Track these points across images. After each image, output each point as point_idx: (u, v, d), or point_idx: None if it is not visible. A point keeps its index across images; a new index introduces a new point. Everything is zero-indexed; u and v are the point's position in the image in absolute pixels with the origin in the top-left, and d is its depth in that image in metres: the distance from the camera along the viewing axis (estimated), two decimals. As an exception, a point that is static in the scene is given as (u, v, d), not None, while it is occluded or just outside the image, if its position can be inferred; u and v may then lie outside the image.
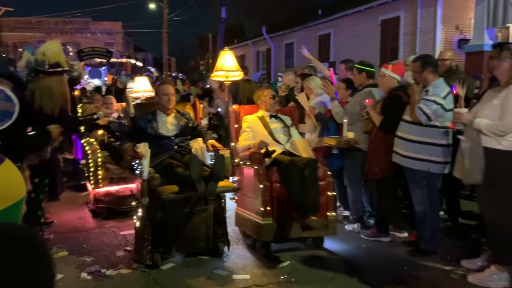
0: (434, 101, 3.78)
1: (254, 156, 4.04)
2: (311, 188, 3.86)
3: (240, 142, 4.41)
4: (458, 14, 11.92)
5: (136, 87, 6.91)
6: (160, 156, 3.92)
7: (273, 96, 4.58)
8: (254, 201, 4.01)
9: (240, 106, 4.85)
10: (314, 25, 17.12)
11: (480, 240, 4.11)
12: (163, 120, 4.16)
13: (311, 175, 3.89)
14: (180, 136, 4.12)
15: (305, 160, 3.99)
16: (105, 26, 33.19)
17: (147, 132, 4.02)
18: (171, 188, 3.63)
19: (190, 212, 3.81)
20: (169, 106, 4.17)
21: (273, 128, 4.43)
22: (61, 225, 4.90)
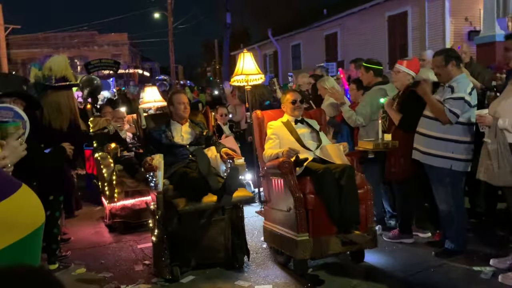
0: (462, 98, 3.65)
1: (284, 166, 3.62)
2: (350, 198, 3.52)
3: (266, 151, 4.05)
4: (467, 5, 11.74)
5: (146, 97, 6.80)
6: (175, 166, 3.84)
7: (294, 101, 4.17)
8: (286, 215, 3.67)
9: (263, 111, 4.51)
10: (320, 25, 17.03)
11: (508, 238, 3.97)
12: (178, 129, 4.12)
13: (348, 183, 3.53)
14: (195, 144, 4.05)
15: (340, 168, 3.63)
16: (111, 38, 33.51)
17: (161, 143, 3.97)
18: (186, 200, 3.55)
19: (207, 222, 3.73)
20: (185, 114, 4.14)
21: (301, 133, 4.08)
22: (78, 241, 4.86)
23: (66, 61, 3.91)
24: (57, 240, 3.98)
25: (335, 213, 3.49)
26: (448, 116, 3.65)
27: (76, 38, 32.04)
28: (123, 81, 24.40)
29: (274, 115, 4.36)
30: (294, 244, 3.50)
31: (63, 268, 3.97)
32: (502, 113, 3.19)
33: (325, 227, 3.54)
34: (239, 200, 3.71)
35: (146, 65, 36.26)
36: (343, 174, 3.56)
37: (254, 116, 4.41)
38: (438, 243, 4.06)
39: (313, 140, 4.08)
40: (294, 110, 4.14)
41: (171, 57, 26.68)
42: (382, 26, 13.97)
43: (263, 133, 4.25)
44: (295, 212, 3.48)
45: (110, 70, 14.75)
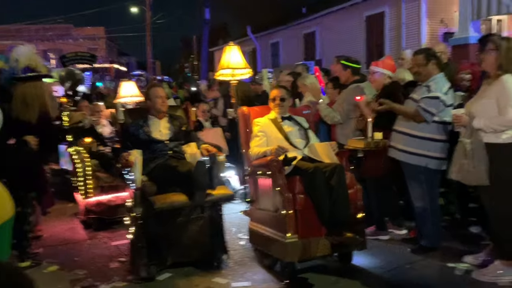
0: (438, 97, 3.70)
1: (272, 165, 3.49)
2: (341, 199, 3.41)
3: (253, 149, 3.90)
4: (443, 7, 11.98)
5: (122, 92, 6.57)
6: (153, 162, 3.73)
7: (273, 98, 4.07)
8: (273, 215, 3.54)
9: (249, 107, 4.35)
10: (299, 23, 17.10)
11: (481, 234, 4.06)
12: (156, 124, 3.99)
13: (339, 183, 3.42)
14: (174, 140, 3.95)
15: (330, 167, 3.50)
16: (87, 32, 32.80)
17: (139, 138, 3.86)
18: (164, 197, 3.45)
19: (186, 220, 3.64)
20: (163, 109, 4.03)
21: (288, 131, 3.95)
22: (51, 238, 4.73)
23: (31, 50, 3.76)
24: (28, 237, 3.85)
25: (325, 214, 3.38)
26: (422, 115, 3.70)
27: (50, 30, 31.22)
28: (99, 75, 23.95)
29: (261, 112, 4.21)
30: (282, 246, 3.38)
31: (34, 266, 3.85)
32: (477, 113, 3.25)
33: (314, 228, 3.43)
34: (219, 198, 3.63)
35: (123, 60, 35.69)
36: (334, 174, 3.44)
37: (239, 112, 4.23)
38: (414, 240, 4.12)
39: (301, 138, 3.97)
40: (274, 108, 4.05)
41: (148, 52, 26.29)
42: (360, 25, 14.13)
43: (249, 130, 4.11)
44: (284, 213, 3.35)
45: (86, 64, 14.43)
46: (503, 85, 3.15)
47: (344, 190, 3.47)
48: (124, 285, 3.47)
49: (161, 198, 3.44)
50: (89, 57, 13.41)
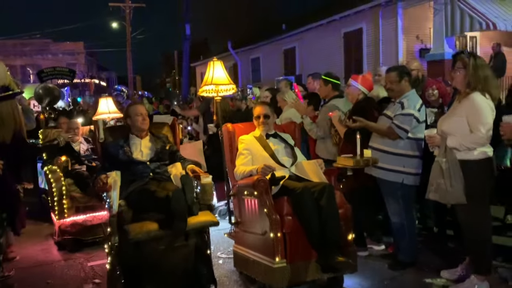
0: (412, 114, 3.75)
1: (259, 184, 3.31)
2: (331, 220, 3.26)
3: (238, 168, 3.75)
4: (418, 24, 12.29)
5: (100, 109, 6.29)
6: (133, 185, 3.46)
7: (258, 116, 3.92)
8: (260, 239, 3.36)
9: (233, 124, 4.18)
10: (279, 39, 17.29)
11: (458, 249, 4.10)
12: (137, 144, 3.75)
13: (329, 203, 3.28)
14: (156, 161, 3.68)
15: (319, 186, 3.36)
16: (66, 47, 32.55)
17: (119, 158, 3.62)
18: (140, 226, 3.16)
19: (168, 249, 3.30)
20: (144, 127, 3.80)
21: (275, 149, 3.80)
22: (23, 259, 4.58)
23: (5, 69, 3.71)
24: (-1, 259, 3.73)
25: (314, 236, 3.23)
26: (397, 132, 3.75)
27: (28, 46, 30.87)
28: (78, 90, 23.69)
29: (246, 129, 4.07)
30: (270, 271, 3.22)
31: (5, 289, 3.73)
32: (449, 131, 3.29)
33: (303, 251, 3.26)
34: (202, 225, 3.34)
35: (103, 75, 35.43)
36: (323, 194, 3.29)
37: (224, 129, 4.08)
38: (392, 255, 4.14)
39: (288, 156, 3.82)
40: (259, 125, 3.93)
41: (129, 67, 26.22)
42: (338, 42, 14.36)
43: (234, 147, 3.97)
44: (271, 236, 3.18)
45: (65, 79, 14.22)
46: (472, 103, 3.20)
47: (334, 211, 3.32)
48: (98, 308, 3.38)
49: (137, 227, 3.15)
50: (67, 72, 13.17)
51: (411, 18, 12.25)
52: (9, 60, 27.95)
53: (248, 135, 3.96)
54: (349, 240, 3.44)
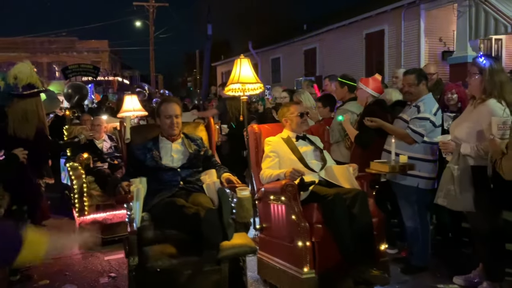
0: (428, 118, 3.72)
1: (287, 190, 3.13)
2: (364, 229, 3.07)
3: (265, 171, 3.54)
4: (441, 26, 12.10)
5: (125, 106, 6.17)
6: (159, 195, 3.04)
7: (301, 114, 3.73)
8: (287, 247, 3.16)
9: (260, 125, 3.98)
10: (300, 40, 17.26)
11: (471, 255, 4.05)
12: (167, 147, 3.32)
13: (362, 212, 3.08)
14: (188, 167, 3.25)
15: (352, 193, 3.16)
16: (91, 45, 33.18)
17: (146, 164, 3.20)
18: (162, 249, 2.72)
19: (196, 274, 2.84)
20: (173, 131, 3.32)
21: (303, 152, 3.59)
22: (43, 251, 4.73)
23: (31, 67, 3.84)
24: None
25: (346, 246, 3.02)
26: (412, 137, 3.72)
27: (55, 43, 31.61)
28: (102, 88, 24.14)
29: (272, 130, 3.90)
30: (297, 282, 3.04)
31: (25, 280, 3.87)
32: (463, 138, 3.26)
33: (333, 262, 3.06)
34: (237, 253, 2.84)
35: (126, 73, 35.99)
36: (356, 201, 3.10)
37: (250, 130, 3.90)
38: (405, 259, 4.12)
39: (317, 160, 3.61)
40: (301, 124, 3.72)
41: (151, 66, 26.59)
42: (359, 43, 14.25)
43: (260, 149, 3.78)
44: (300, 245, 3.01)
45: (89, 76, 14.49)
46: (488, 111, 3.15)
47: (367, 219, 3.12)
48: (112, 301, 3.48)
49: (157, 251, 2.71)
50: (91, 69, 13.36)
51: (434, 20, 12.08)
52: (36, 57, 28.73)
53: (275, 136, 3.78)
54: (382, 251, 3.25)
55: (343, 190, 3.25)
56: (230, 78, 4.09)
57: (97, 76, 14.44)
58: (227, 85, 4.14)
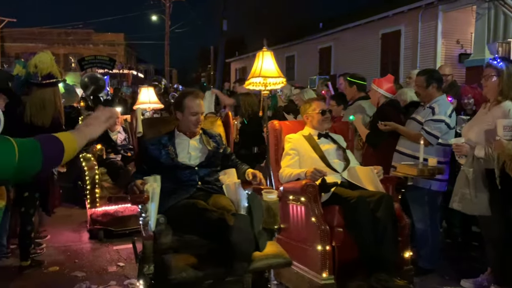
0: (443, 120, 3.68)
1: (307, 190, 2.99)
2: (388, 235, 2.90)
3: (284, 169, 3.39)
4: (459, 28, 11.96)
5: (141, 98, 6.12)
6: (175, 196, 2.79)
7: (322, 111, 3.58)
8: (306, 250, 3.04)
9: (280, 121, 3.84)
10: (315, 38, 17.19)
11: (480, 259, 4.02)
12: (184, 144, 3.03)
13: (386, 216, 2.91)
14: (206, 166, 2.97)
15: (376, 196, 2.99)
16: (107, 38, 33.47)
17: (160, 161, 2.92)
18: (185, 259, 2.40)
19: (217, 285, 2.59)
20: (196, 129, 3.05)
21: (325, 150, 3.42)
22: (54, 240, 4.81)
23: (51, 57, 3.90)
24: (30, 237, 3.94)
25: (368, 252, 2.86)
26: (427, 139, 3.69)
27: (72, 35, 31.96)
28: (117, 81, 24.34)
29: (293, 127, 3.75)
30: (316, 287, 2.92)
31: (35, 265, 3.94)
32: (477, 140, 3.22)
33: (354, 269, 2.91)
34: (270, 264, 2.51)
35: (141, 67, 36.25)
36: (380, 205, 2.93)
37: (270, 126, 3.74)
38: (412, 261, 4.09)
39: (340, 159, 3.44)
40: (323, 122, 3.57)
41: (166, 60, 26.73)
42: (375, 43, 14.15)
43: (279, 147, 3.63)
44: (319, 249, 2.87)
45: (105, 68, 14.59)
46: (503, 112, 3.12)
47: (392, 225, 2.95)
48: (120, 289, 3.53)
49: (180, 261, 2.39)
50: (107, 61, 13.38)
51: (452, 22, 11.93)
52: (53, 48, 29.02)
53: (296, 133, 3.62)
54: (407, 258, 3.09)
55: (367, 193, 3.09)
56: (251, 72, 3.93)
57: (113, 68, 14.52)
58: (248, 78, 3.96)
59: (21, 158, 1.19)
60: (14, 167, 1.18)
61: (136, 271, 3.72)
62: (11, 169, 1.17)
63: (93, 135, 1.61)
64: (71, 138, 1.45)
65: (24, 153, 1.20)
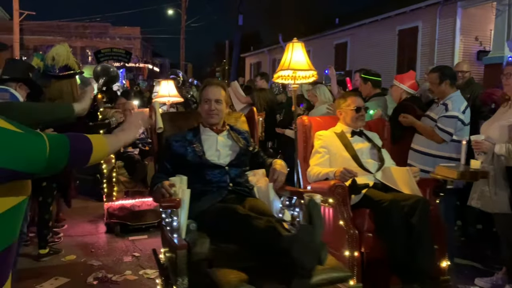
0: (456, 116, 3.65)
1: (336, 191, 2.81)
2: (423, 243, 2.67)
3: (312, 168, 3.21)
4: (478, 25, 11.77)
5: (161, 91, 5.96)
6: (206, 199, 2.49)
7: (358, 108, 3.34)
8: (333, 255, 2.66)
9: (310, 117, 3.66)
10: (331, 33, 17.09)
11: (495, 258, 3.98)
12: (211, 140, 2.73)
13: (422, 222, 2.68)
14: (236, 165, 2.68)
15: (411, 200, 2.77)
16: (124, 31, 33.71)
17: (187, 159, 2.63)
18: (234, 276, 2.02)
19: None
20: (212, 119, 2.74)
21: (358, 149, 3.22)
22: (71, 229, 4.90)
23: (68, 50, 3.97)
24: (48, 226, 4.03)
25: (401, 260, 2.65)
26: (441, 136, 3.66)
27: (89, 28, 32.26)
28: (133, 74, 24.55)
29: (324, 123, 3.54)
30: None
31: (53, 253, 4.03)
32: (497, 138, 3.19)
33: (384, 277, 2.74)
34: (331, 279, 2.18)
35: (157, 61, 36.46)
36: (415, 209, 2.71)
37: (299, 122, 3.54)
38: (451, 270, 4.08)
39: (374, 159, 3.23)
40: (356, 120, 3.35)
41: (181, 54, 26.86)
42: (392, 39, 14.00)
43: (308, 144, 3.43)
44: (347, 255, 2.71)
45: (121, 61, 14.67)
46: None
47: (428, 232, 2.71)
48: (134, 279, 3.58)
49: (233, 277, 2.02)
50: (124, 54, 13.38)
51: (471, 18, 11.74)
52: (71, 41, 29.27)
53: (327, 130, 3.41)
54: (443, 268, 2.87)
55: (401, 196, 2.87)
56: (280, 64, 3.70)
57: (129, 61, 14.56)
58: (276, 71, 3.74)
59: (52, 153, 1.23)
60: (46, 160, 1.22)
61: (151, 262, 3.88)
62: (43, 163, 1.21)
63: (128, 140, 1.65)
64: (102, 141, 1.47)
65: (54, 148, 1.24)
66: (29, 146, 1.19)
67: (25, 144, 1.18)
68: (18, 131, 1.18)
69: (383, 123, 3.75)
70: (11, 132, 1.16)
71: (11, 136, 1.16)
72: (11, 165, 1.14)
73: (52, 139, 1.25)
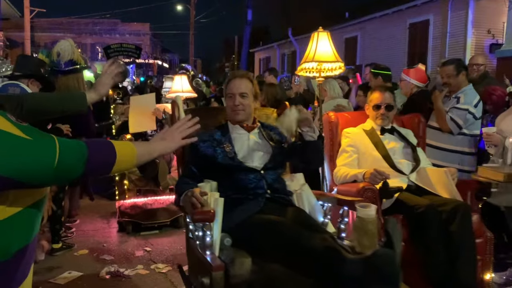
0: (467, 109, 3.62)
1: (366, 195, 2.56)
2: (464, 253, 2.39)
3: (339, 169, 2.95)
4: (490, 18, 11.60)
5: (174, 87, 5.77)
6: (243, 210, 2.12)
7: (377, 105, 3.05)
8: None
9: (337, 113, 3.38)
10: (341, 27, 16.97)
11: (508, 253, 3.94)
12: (242, 140, 2.39)
13: (463, 230, 2.42)
14: (272, 168, 2.32)
15: (450, 205, 2.50)
16: (133, 28, 33.82)
17: (216, 161, 2.28)
18: None
19: None
20: (237, 116, 2.40)
21: (390, 148, 2.93)
22: (83, 224, 4.95)
23: (72, 44, 3.96)
24: (61, 220, 4.07)
25: (439, 272, 2.40)
26: (449, 125, 3.62)
27: (99, 25, 32.43)
28: (142, 70, 24.66)
29: (353, 119, 3.25)
30: None
31: (66, 248, 4.08)
32: (510, 130, 3.16)
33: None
34: None
35: (166, 57, 36.56)
36: (455, 216, 2.45)
37: (325, 118, 3.27)
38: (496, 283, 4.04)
39: (407, 159, 2.93)
40: (376, 119, 3.08)
41: (190, 50, 26.93)
42: (403, 33, 13.88)
43: (335, 142, 3.17)
44: None
45: (131, 57, 14.69)
46: None
47: (469, 240, 2.46)
48: (146, 273, 3.61)
49: None
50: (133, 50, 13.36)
51: (483, 11, 11.58)
52: (81, 38, 29.58)
53: (356, 127, 3.14)
54: (487, 281, 2.61)
55: (439, 201, 2.61)
56: (304, 55, 3.41)
57: (139, 57, 14.59)
58: (300, 63, 3.46)
59: (61, 162, 1.12)
60: (53, 170, 1.11)
61: (162, 256, 3.90)
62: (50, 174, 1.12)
63: (165, 151, 1.50)
64: (130, 152, 1.34)
65: (65, 157, 1.13)
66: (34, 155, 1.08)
67: (29, 153, 1.07)
68: (24, 137, 1.07)
69: (418, 118, 3.38)
70: (16, 137, 1.06)
71: (15, 143, 1.05)
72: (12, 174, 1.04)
73: (65, 147, 1.15)
